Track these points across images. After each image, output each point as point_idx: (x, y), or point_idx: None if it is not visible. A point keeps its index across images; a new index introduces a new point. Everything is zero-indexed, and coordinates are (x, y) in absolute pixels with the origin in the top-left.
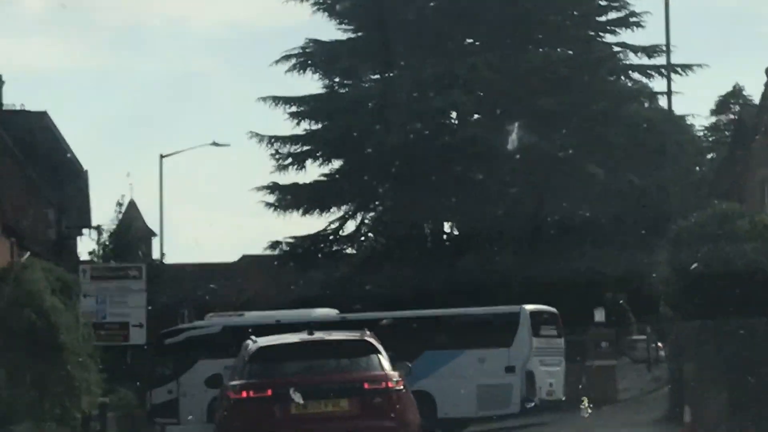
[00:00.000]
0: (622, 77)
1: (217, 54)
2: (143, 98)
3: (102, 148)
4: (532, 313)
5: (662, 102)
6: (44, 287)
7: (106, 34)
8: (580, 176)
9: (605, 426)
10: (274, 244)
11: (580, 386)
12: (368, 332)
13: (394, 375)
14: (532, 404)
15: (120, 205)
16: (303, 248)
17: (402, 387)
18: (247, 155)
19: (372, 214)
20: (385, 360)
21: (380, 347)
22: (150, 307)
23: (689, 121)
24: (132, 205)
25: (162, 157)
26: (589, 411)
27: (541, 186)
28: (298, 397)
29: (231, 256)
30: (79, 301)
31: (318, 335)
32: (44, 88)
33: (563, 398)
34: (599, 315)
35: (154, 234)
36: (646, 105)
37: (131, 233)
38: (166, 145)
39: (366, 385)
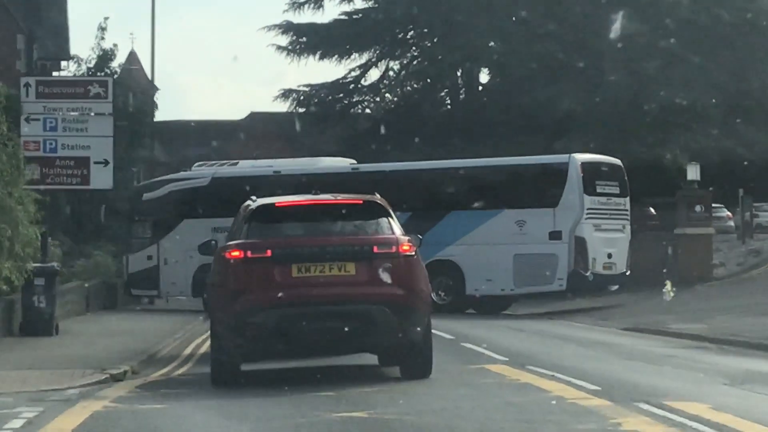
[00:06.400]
0: None
1: None
2: None
3: None
4: (585, 165)
5: None
6: None
7: None
8: (681, 65)
9: (722, 310)
10: (287, 93)
11: (667, 260)
12: (378, 196)
13: (405, 240)
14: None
15: (102, 29)
16: (319, 98)
17: (414, 253)
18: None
19: (399, 61)
20: (395, 224)
21: (391, 211)
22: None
23: None
24: (132, 56)
25: None
26: (672, 295)
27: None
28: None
29: (239, 113)
30: (18, 126)
31: (323, 196)
32: None
33: (627, 272)
34: (693, 172)
35: (156, 89)
36: None
37: (123, 74)
38: None
39: (375, 249)
